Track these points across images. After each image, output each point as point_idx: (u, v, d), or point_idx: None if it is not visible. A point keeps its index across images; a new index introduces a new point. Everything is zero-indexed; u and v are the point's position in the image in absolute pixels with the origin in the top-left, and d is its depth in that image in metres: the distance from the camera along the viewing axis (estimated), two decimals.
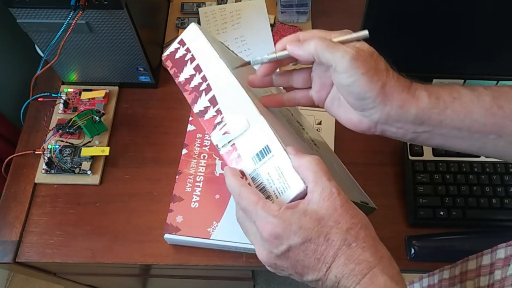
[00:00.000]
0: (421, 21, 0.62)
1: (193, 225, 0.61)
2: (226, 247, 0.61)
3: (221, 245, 0.60)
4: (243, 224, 0.41)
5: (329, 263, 0.36)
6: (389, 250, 0.64)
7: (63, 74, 0.76)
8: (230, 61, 0.48)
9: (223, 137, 0.44)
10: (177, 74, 0.49)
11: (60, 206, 0.68)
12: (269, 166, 0.41)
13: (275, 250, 0.36)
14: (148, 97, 0.78)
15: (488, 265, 0.50)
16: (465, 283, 0.51)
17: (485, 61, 0.68)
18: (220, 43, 0.54)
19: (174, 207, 0.62)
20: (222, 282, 0.92)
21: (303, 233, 0.35)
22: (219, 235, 0.60)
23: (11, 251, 0.65)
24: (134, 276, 0.91)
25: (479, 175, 0.66)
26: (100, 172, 0.70)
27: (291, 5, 0.81)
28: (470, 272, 0.51)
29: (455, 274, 0.52)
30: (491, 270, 0.50)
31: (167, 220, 0.61)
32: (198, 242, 0.61)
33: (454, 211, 0.64)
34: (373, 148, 0.72)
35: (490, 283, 0.49)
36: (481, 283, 0.50)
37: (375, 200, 0.67)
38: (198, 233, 0.60)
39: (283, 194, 0.39)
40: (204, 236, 0.60)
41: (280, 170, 0.40)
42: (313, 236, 0.35)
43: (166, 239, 0.62)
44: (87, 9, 0.59)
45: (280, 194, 0.40)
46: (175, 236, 0.60)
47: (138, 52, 0.69)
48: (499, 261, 0.49)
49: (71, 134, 0.71)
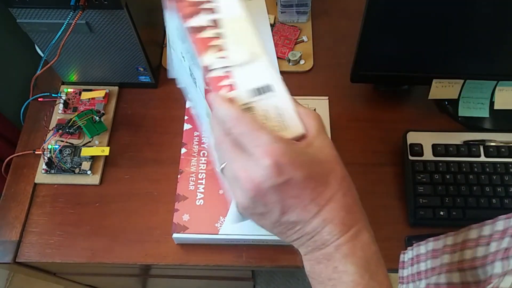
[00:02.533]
0: (421, 21, 0.62)
1: (200, 222, 0.61)
2: (235, 241, 0.61)
3: (230, 239, 0.61)
4: (225, 150, 0.36)
5: (321, 206, 0.34)
6: (389, 250, 0.64)
7: (63, 74, 0.76)
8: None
9: (217, 61, 0.38)
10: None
11: (60, 206, 0.68)
12: (267, 103, 0.37)
13: (271, 180, 0.33)
14: (148, 97, 0.78)
15: (487, 236, 0.51)
16: (464, 251, 0.51)
17: (485, 61, 0.68)
18: None
19: (179, 206, 0.62)
20: (222, 282, 0.92)
21: (309, 168, 0.34)
22: (227, 230, 0.60)
23: (11, 251, 0.65)
24: (134, 276, 0.91)
25: (479, 175, 0.66)
26: (100, 172, 0.70)
27: (291, 5, 0.81)
28: (470, 241, 0.52)
29: (458, 241, 0.53)
30: (488, 241, 0.50)
31: (173, 220, 0.61)
32: (207, 239, 0.61)
33: (454, 211, 0.64)
34: (373, 148, 0.72)
35: (485, 254, 0.50)
36: (477, 253, 0.51)
37: (375, 200, 0.68)
38: (206, 229, 0.60)
39: (278, 133, 0.35)
40: (212, 232, 0.60)
41: (279, 110, 0.37)
42: (317, 174, 0.34)
43: (175, 239, 0.62)
44: (87, 9, 0.59)
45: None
46: (183, 235, 0.61)
47: (138, 52, 0.69)
48: (497, 233, 0.50)
49: (71, 134, 0.71)
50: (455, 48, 0.66)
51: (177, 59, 0.52)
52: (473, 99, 0.71)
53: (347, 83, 0.72)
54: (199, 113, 0.53)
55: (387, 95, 0.77)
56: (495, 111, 0.71)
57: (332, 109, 0.71)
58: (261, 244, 0.64)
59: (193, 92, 0.51)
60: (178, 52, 0.49)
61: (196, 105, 0.53)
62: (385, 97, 0.77)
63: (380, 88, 0.78)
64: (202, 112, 0.48)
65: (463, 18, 0.61)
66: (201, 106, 0.47)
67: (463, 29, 0.62)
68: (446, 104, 0.75)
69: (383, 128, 0.74)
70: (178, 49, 0.48)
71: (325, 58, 0.81)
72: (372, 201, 0.68)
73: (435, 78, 0.69)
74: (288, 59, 0.79)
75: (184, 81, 0.54)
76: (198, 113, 0.54)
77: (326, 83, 0.78)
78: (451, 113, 0.74)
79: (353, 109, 0.76)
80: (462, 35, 0.63)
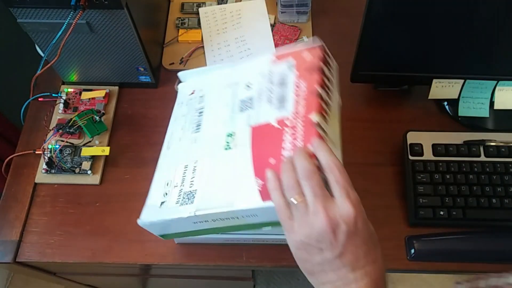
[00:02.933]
0: (421, 21, 0.62)
1: None
2: (235, 240, 0.61)
3: (230, 238, 0.61)
4: (313, 184, 0.42)
5: (368, 263, 0.42)
6: (389, 250, 0.65)
7: (63, 74, 0.76)
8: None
9: (323, 123, 0.49)
10: None
11: (60, 206, 0.68)
12: None
13: (348, 226, 0.40)
14: (148, 97, 0.78)
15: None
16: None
17: (485, 61, 0.68)
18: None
19: None
20: (222, 282, 0.92)
21: (369, 232, 0.43)
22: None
23: (11, 251, 0.65)
24: (134, 276, 0.91)
25: (479, 175, 0.66)
26: (100, 172, 0.70)
27: (291, 5, 0.81)
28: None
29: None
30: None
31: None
32: (206, 238, 0.61)
33: (454, 211, 0.65)
34: (373, 148, 0.72)
35: None
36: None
37: (375, 200, 0.68)
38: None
39: None
40: None
41: None
42: (371, 238, 0.43)
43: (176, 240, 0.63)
44: (87, 9, 0.59)
45: None
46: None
47: (138, 52, 0.69)
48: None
49: (71, 134, 0.71)
50: (455, 48, 0.66)
51: (221, 74, 0.60)
52: (473, 99, 0.71)
53: (347, 83, 0.72)
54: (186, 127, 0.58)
55: (387, 95, 0.77)
56: (495, 111, 0.71)
57: None
58: (261, 244, 0.64)
59: (203, 105, 0.58)
60: (243, 78, 0.57)
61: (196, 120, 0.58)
62: (385, 97, 0.77)
63: (380, 88, 0.78)
64: (213, 129, 0.55)
65: (463, 18, 0.61)
66: (216, 122, 0.55)
67: (463, 29, 0.62)
68: (446, 104, 0.75)
69: (383, 128, 0.74)
70: (247, 78, 0.57)
71: None
72: (372, 201, 0.68)
73: (435, 78, 0.69)
74: None
75: (206, 91, 0.60)
76: (183, 126, 0.58)
77: None
78: (451, 113, 0.74)
79: (353, 109, 0.76)
80: (462, 35, 0.63)
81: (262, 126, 0.51)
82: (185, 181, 0.53)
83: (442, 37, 0.64)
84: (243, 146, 0.51)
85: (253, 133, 0.52)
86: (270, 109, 0.52)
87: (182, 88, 0.64)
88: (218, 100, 0.58)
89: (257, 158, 0.50)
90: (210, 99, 0.59)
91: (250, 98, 0.55)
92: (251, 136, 0.51)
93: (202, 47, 0.82)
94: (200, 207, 0.49)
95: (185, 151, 0.56)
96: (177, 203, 0.51)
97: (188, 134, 0.57)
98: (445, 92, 0.70)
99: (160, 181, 0.55)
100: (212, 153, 0.53)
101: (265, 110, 0.52)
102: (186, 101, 0.62)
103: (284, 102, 0.51)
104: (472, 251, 0.64)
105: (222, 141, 0.53)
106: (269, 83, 0.54)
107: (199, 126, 0.57)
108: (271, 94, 0.53)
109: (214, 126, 0.56)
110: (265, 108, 0.52)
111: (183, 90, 0.64)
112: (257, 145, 0.51)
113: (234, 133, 0.53)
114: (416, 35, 0.64)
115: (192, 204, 0.50)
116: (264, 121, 0.52)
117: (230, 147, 0.52)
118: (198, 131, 0.57)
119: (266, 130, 0.51)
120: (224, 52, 0.81)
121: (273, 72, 0.55)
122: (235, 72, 0.59)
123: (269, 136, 0.50)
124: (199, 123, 0.57)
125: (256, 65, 0.57)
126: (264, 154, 0.49)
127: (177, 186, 0.53)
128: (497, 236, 0.65)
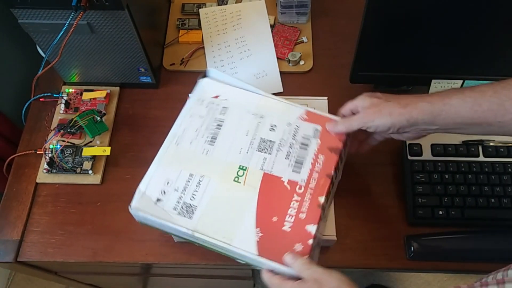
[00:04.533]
0: (420, 22, 0.62)
1: None
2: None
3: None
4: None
5: None
6: (388, 249, 0.65)
7: (64, 75, 0.76)
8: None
9: (326, 205, 0.55)
10: None
11: (61, 205, 0.69)
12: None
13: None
14: (149, 97, 0.78)
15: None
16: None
17: (484, 61, 0.68)
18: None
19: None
20: (222, 281, 0.92)
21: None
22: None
23: (13, 250, 0.65)
24: (135, 275, 0.92)
25: (478, 175, 0.67)
26: (101, 171, 0.70)
27: (291, 6, 0.81)
28: None
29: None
30: None
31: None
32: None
33: (453, 211, 0.65)
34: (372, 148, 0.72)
35: None
36: None
37: (374, 199, 0.68)
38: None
39: None
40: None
41: None
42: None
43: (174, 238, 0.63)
44: (88, 10, 0.59)
45: None
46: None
47: (139, 53, 0.70)
48: None
49: (73, 134, 0.71)
50: (454, 48, 0.66)
51: (250, 96, 0.61)
52: None
53: (347, 84, 0.72)
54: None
55: None
56: None
57: (332, 109, 0.72)
58: None
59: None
60: (270, 116, 0.60)
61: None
62: None
63: (379, 88, 0.78)
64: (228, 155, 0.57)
65: (462, 19, 0.61)
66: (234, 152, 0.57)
67: (462, 29, 0.63)
68: None
69: None
70: (273, 118, 0.59)
71: (325, 58, 0.81)
72: (371, 201, 0.68)
73: (434, 79, 0.69)
74: (288, 59, 0.80)
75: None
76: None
77: (326, 83, 0.78)
78: None
79: None
80: (460, 35, 0.64)
81: (274, 178, 0.55)
82: (187, 190, 0.54)
83: (441, 38, 0.64)
84: (252, 188, 0.54)
85: (264, 179, 0.54)
86: (285, 165, 0.55)
87: (207, 84, 0.63)
88: (240, 123, 0.59)
89: (261, 208, 0.52)
90: (232, 117, 0.60)
91: (271, 142, 0.57)
92: (261, 181, 0.54)
93: (203, 47, 0.82)
94: (198, 229, 0.51)
95: (194, 159, 0.56)
96: (175, 210, 0.53)
97: (201, 141, 0.58)
98: None
99: (160, 175, 0.56)
100: (220, 177, 0.55)
101: (281, 163, 0.55)
102: (207, 103, 0.61)
103: (301, 167, 0.55)
104: (470, 250, 0.64)
105: (233, 170, 0.55)
106: (292, 138, 0.57)
107: (214, 139, 0.58)
108: (290, 150, 0.57)
109: (229, 149, 0.57)
110: (281, 162, 0.55)
111: (207, 87, 0.62)
112: (265, 194, 0.53)
113: (247, 168, 0.55)
114: (415, 35, 0.64)
115: (191, 220, 0.52)
116: (277, 174, 0.55)
117: (239, 181, 0.54)
118: (212, 144, 0.57)
119: (277, 184, 0.54)
120: (224, 52, 0.81)
121: (299, 129, 0.58)
122: (265, 104, 0.60)
123: (278, 192, 0.54)
124: (215, 136, 0.58)
125: (286, 111, 0.60)
126: (269, 208, 0.52)
127: (177, 191, 0.54)
128: (496, 235, 0.65)
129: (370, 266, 0.65)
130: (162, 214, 0.53)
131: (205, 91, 0.62)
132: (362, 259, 0.64)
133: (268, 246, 0.50)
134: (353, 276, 0.44)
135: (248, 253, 0.50)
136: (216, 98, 0.61)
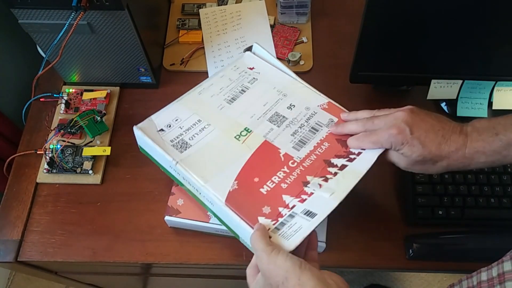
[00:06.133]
0: (419, 22, 0.62)
1: (194, 208, 0.62)
2: (225, 231, 0.62)
3: (219, 229, 0.62)
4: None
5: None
6: (388, 249, 0.65)
7: (64, 75, 0.76)
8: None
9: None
10: None
11: (61, 205, 0.69)
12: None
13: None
14: (149, 97, 0.78)
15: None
16: (504, 284, 0.52)
17: (483, 61, 0.68)
18: None
19: (175, 190, 0.64)
20: (223, 281, 0.92)
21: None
22: (217, 219, 0.61)
23: (13, 250, 0.65)
24: (135, 275, 0.92)
25: (477, 175, 0.67)
26: (102, 171, 0.70)
27: (291, 6, 0.81)
28: (507, 273, 0.52)
29: (493, 275, 0.53)
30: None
31: (168, 203, 0.63)
32: (197, 225, 0.62)
33: (453, 211, 0.65)
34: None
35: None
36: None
37: (374, 199, 0.68)
38: (198, 216, 0.62)
39: None
40: (203, 220, 0.61)
41: None
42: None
43: (167, 221, 0.63)
44: (88, 10, 0.59)
45: None
46: (175, 219, 0.62)
47: (139, 53, 0.70)
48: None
49: (73, 134, 0.72)
50: (454, 48, 0.66)
51: (282, 76, 0.65)
52: (472, 99, 0.71)
53: (346, 84, 0.72)
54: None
55: (386, 95, 0.78)
56: (493, 111, 0.71)
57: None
58: None
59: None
60: (292, 96, 0.62)
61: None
62: (384, 98, 0.78)
63: (379, 88, 0.79)
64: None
65: (462, 19, 0.61)
66: None
67: (462, 29, 0.63)
68: (444, 104, 0.75)
69: None
70: (296, 99, 0.62)
71: (325, 58, 0.81)
72: (371, 201, 0.69)
73: (434, 79, 0.69)
74: (287, 59, 0.80)
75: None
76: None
77: (326, 83, 0.78)
78: (449, 113, 0.75)
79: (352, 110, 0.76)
80: (460, 35, 0.64)
81: (272, 147, 0.56)
82: (190, 131, 0.58)
83: (441, 38, 0.64)
84: (248, 148, 0.56)
85: (262, 145, 0.57)
86: (288, 140, 0.57)
87: (247, 57, 0.68)
88: (262, 95, 0.63)
89: (248, 166, 0.54)
90: (258, 88, 0.64)
91: (284, 117, 0.60)
92: (259, 146, 0.56)
93: (203, 48, 0.82)
94: (183, 161, 0.55)
95: (208, 110, 0.61)
96: (171, 142, 0.57)
97: (221, 98, 0.62)
98: (444, 92, 0.71)
99: (172, 112, 0.61)
100: (224, 131, 0.58)
101: (284, 137, 0.57)
102: (241, 71, 0.66)
103: (302, 146, 0.57)
104: (470, 250, 0.64)
105: (238, 129, 0.58)
106: (305, 121, 0.59)
107: (233, 100, 0.62)
108: (299, 130, 0.58)
109: (243, 112, 0.61)
110: (286, 137, 0.57)
111: (247, 59, 0.68)
112: (257, 157, 0.55)
113: (251, 131, 0.58)
114: (415, 35, 0.64)
115: (180, 154, 0.55)
116: (277, 145, 0.57)
117: (239, 139, 0.57)
118: (230, 103, 0.62)
119: (272, 153, 0.56)
120: (224, 53, 0.81)
121: (315, 115, 0.60)
122: (292, 86, 0.64)
123: (270, 159, 0.55)
124: (235, 97, 0.62)
125: (309, 97, 0.63)
126: (255, 169, 0.54)
127: (181, 128, 0.58)
128: (496, 235, 0.65)
129: (370, 266, 0.65)
130: (158, 141, 0.57)
131: (244, 63, 0.67)
132: (362, 259, 0.64)
133: (238, 199, 0.52)
134: (353, 276, 0.44)
135: (217, 198, 0.52)
136: (251, 69, 0.66)
